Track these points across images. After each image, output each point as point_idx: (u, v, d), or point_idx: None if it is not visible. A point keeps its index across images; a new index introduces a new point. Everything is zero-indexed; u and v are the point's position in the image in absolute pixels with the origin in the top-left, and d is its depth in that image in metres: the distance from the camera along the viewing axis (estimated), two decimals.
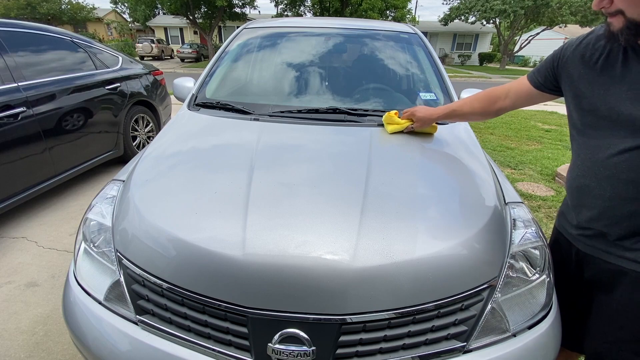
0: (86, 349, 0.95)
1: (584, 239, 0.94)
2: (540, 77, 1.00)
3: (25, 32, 2.67)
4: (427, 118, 1.36)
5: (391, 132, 1.42)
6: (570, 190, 0.96)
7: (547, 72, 0.98)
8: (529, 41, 22.78)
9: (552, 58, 0.97)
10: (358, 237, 0.87)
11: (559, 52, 0.94)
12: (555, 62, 0.95)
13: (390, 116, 1.43)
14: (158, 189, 1.11)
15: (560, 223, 1.06)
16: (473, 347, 0.88)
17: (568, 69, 0.91)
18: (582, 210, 0.91)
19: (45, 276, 2.05)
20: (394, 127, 1.41)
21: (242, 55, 2.11)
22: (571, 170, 0.95)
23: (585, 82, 0.86)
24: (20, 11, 25.73)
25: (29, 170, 2.48)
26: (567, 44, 0.93)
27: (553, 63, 0.96)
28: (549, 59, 0.99)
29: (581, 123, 0.89)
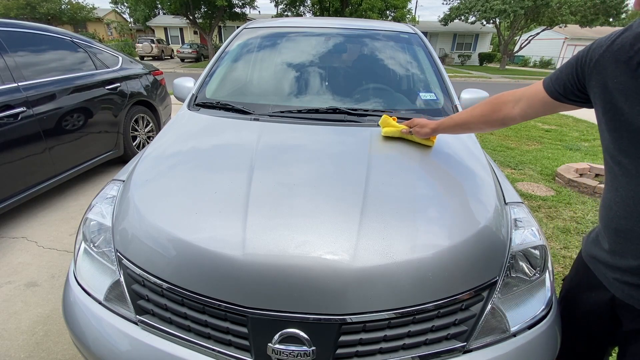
0: (86, 349, 0.95)
1: (627, 288, 0.76)
2: (559, 85, 0.83)
3: (25, 32, 2.67)
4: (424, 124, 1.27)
5: (385, 134, 1.37)
6: (608, 231, 0.78)
7: (568, 80, 0.80)
8: (529, 41, 22.79)
9: (576, 62, 0.79)
10: (358, 237, 0.87)
11: (585, 55, 0.76)
12: (579, 66, 0.77)
13: (386, 119, 1.38)
14: (158, 189, 1.11)
15: (589, 257, 0.88)
16: (473, 347, 0.88)
17: (597, 75, 0.72)
18: (625, 258, 0.74)
19: (45, 276, 2.05)
20: (388, 130, 1.36)
21: (242, 56, 2.11)
22: (607, 206, 0.77)
23: (621, 93, 0.67)
24: (20, 11, 25.72)
25: (29, 170, 2.48)
26: (596, 44, 0.75)
27: (577, 68, 0.78)
28: (570, 64, 0.81)
29: (615, 147, 0.70)
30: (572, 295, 0.97)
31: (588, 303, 0.90)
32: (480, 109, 1.07)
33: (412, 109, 1.72)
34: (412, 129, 1.30)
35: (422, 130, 1.27)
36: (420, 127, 1.27)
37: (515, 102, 0.96)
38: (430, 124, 1.26)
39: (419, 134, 1.29)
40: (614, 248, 0.77)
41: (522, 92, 0.95)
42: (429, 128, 1.25)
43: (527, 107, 0.93)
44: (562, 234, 2.57)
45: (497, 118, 1.02)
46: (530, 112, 0.93)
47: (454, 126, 1.19)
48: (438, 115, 1.63)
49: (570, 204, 3.05)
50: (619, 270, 0.77)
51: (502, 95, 1.02)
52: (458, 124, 1.17)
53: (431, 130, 1.26)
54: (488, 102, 1.05)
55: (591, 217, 2.82)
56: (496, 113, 1.02)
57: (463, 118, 1.14)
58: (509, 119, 0.99)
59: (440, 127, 1.23)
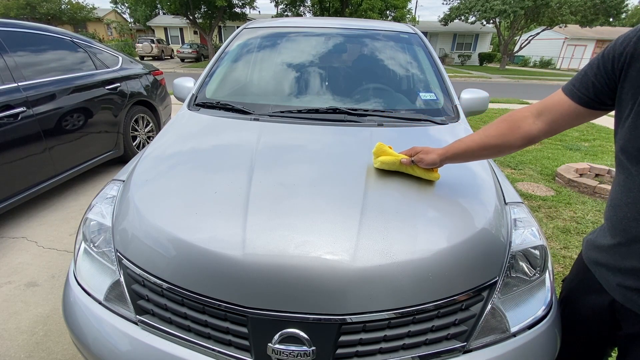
0: (86, 349, 0.95)
1: (628, 293, 0.76)
2: (586, 89, 0.75)
3: (25, 32, 2.67)
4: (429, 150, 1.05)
5: (379, 167, 1.12)
6: (615, 231, 0.76)
7: (597, 80, 0.73)
8: (529, 41, 22.80)
9: (602, 60, 0.72)
10: (358, 237, 0.87)
11: (613, 49, 0.70)
12: (609, 63, 0.70)
13: (381, 147, 1.13)
14: (158, 189, 1.11)
15: (590, 259, 0.87)
16: (473, 347, 0.88)
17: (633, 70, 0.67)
18: (630, 260, 0.73)
19: (45, 276, 2.05)
20: (384, 159, 1.10)
21: (242, 56, 2.11)
22: (617, 206, 0.75)
23: None
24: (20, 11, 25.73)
25: (29, 170, 2.48)
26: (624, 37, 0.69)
27: (606, 66, 0.71)
28: (594, 64, 0.74)
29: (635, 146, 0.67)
30: (572, 298, 0.96)
31: (588, 306, 0.89)
32: (495, 128, 0.92)
33: (412, 109, 1.72)
34: (415, 157, 1.06)
35: (427, 158, 1.03)
36: (424, 153, 1.04)
37: (536, 117, 0.85)
38: (436, 150, 1.04)
39: (424, 162, 1.04)
40: (619, 249, 0.75)
41: (542, 105, 0.84)
42: (436, 154, 1.02)
43: (552, 120, 0.81)
44: (562, 234, 2.57)
45: (517, 136, 0.87)
46: (556, 125, 0.82)
47: (466, 150, 0.97)
48: (438, 115, 1.63)
49: (570, 204, 3.05)
50: (621, 272, 0.76)
51: (518, 112, 0.90)
52: (471, 148, 0.96)
53: (438, 156, 1.02)
54: (502, 120, 0.92)
55: (591, 217, 2.82)
56: (515, 131, 0.87)
57: (476, 140, 0.95)
58: (532, 137, 0.85)
59: (449, 152, 1.00)
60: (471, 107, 1.86)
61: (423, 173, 1.08)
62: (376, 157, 1.12)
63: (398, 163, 1.08)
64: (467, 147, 0.96)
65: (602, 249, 0.82)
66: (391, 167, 1.10)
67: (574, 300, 0.96)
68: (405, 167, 1.08)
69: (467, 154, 0.98)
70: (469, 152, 0.97)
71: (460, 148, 0.98)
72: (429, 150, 1.04)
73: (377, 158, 1.12)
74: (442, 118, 1.61)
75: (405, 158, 1.08)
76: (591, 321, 0.90)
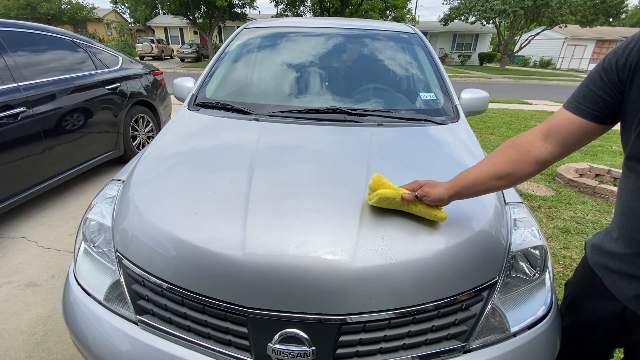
0: (86, 349, 0.95)
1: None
2: (598, 105, 0.72)
3: (25, 32, 2.67)
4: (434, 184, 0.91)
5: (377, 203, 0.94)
6: (629, 240, 0.74)
7: (605, 93, 0.71)
8: (529, 41, 22.80)
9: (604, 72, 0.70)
10: (358, 237, 0.87)
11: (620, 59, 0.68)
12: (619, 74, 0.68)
13: (379, 179, 0.96)
14: (158, 189, 1.11)
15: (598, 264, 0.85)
16: (473, 347, 0.88)
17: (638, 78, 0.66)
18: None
19: (45, 276, 2.05)
20: (384, 194, 0.92)
21: (242, 56, 2.11)
22: (630, 216, 0.72)
23: None
24: (20, 11, 25.74)
25: (29, 170, 2.48)
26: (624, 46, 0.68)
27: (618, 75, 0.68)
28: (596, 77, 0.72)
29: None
30: (579, 303, 0.94)
31: (596, 312, 0.87)
32: (502, 155, 0.84)
33: (412, 109, 1.72)
34: (419, 191, 0.91)
35: (433, 192, 0.88)
36: (429, 187, 0.90)
37: (543, 139, 0.80)
38: (443, 183, 0.90)
39: (429, 197, 0.89)
40: (635, 259, 0.73)
41: (547, 127, 0.80)
42: (443, 188, 0.88)
43: (562, 141, 0.77)
44: (562, 234, 2.57)
45: (529, 162, 0.81)
46: (568, 146, 0.78)
47: (475, 181, 0.86)
48: (438, 115, 1.63)
49: (570, 204, 3.05)
50: (636, 280, 0.74)
51: (522, 136, 0.84)
52: (481, 179, 0.85)
53: (446, 190, 0.88)
54: (507, 146, 0.85)
55: (591, 217, 2.82)
56: (526, 156, 0.81)
57: (485, 170, 0.85)
58: (545, 161, 0.80)
59: (457, 185, 0.88)
60: (471, 107, 1.86)
61: (427, 212, 0.91)
62: (373, 191, 0.95)
63: (399, 199, 0.91)
64: (477, 178, 0.86)
65: (612, 255, 0.79)
66: (390, 204, 0.93)
67: (580, 306, 0.93)
68: (407, 204, 0.92)
69: (478, 185, 0.86)
70: (479, 182, 0.85)
71: (469, 179, 0.87)
72: (434, 183, 0.90)
73: (374, 192, 0.94)
74: (442, 118, 1.61)
75: (408, 193, 0.91)
76: (599, 326, 0.88)
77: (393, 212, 0.96)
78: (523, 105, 8.66)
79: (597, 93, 0.72)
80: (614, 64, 0.68)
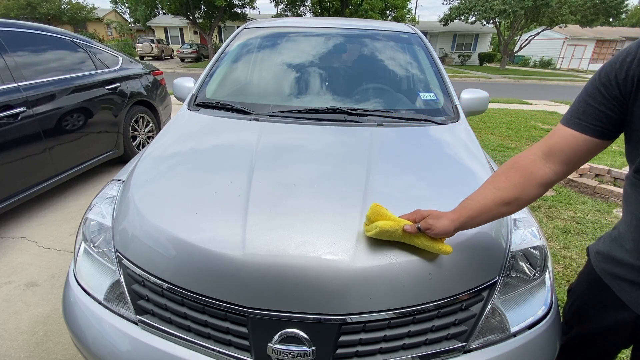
0: (86, 349, 0.96)
1: None
2: (602, 121, 0.70)
3: (25, 32, 2.67)
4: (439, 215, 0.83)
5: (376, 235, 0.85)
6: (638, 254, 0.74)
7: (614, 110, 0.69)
8: (529, 41, 22.80)
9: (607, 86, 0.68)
10: (358, 237, 0.87)
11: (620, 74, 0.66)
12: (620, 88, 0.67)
13: (377, 209, 0.86)
14: (158, 189, 1.11)
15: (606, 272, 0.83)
16: (473, 347, 0.88)
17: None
18: None
19: (45, 276, 2.05)
20: (383, 225, 0.84)
21: (242, 56, 2.11)
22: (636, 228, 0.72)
23: None
24: (20, 11, 25.73)
25: (29, 170, 2.48)
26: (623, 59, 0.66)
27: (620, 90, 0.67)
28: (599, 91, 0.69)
29: None
30: (587, 312, 0.92)
31: (607, 321, 0.86)
32: (505, 179, 0.80)
33: (412, 109, 1.72)
34: (422, 223, 0.83)
35: (438, 224, 0.81)
36: (433, 218, 0.82)
37: (545, 159, 0.77)
38: (447, 214, 0.82)
39: (434, 230, 0.81)
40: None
41: (547, 145, 0.77)
42: (448, 219, 0.81)
43: (566, 160, 0.75)
44: (562, 234, 2.57)
45: (534, 184, 0.77)
46: (572, 164, 0.76)
47: (482, 209, 0.80)
48: (438, 115, 1.63)
49: (570, 204, 3.05)
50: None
51: (522, 157, 0.81)
52: (487, 206, 0.80)
53: (451, 222, 0.81)
54: (509, 169, 0.81)
55: (591, 217, 2.82)
56: (530, 178, 0.77)
57: (490, 196, 0.80)
58: (550, 182, 0.78)
59: (462, 216, 0.81)
60: (471, 107, 1.86)
61: (431, 245, 0.84)
62: (370, 222, 0.86)
63: (400, 231, 0.83)
64: (483, 206, 0.80)
65: (624, 265, 0.78)
66: (391, 236, 0.85)
67: (589, 314, 0.91)
68: (408, 236, 0.84)
69: (484, 213, 0.80)
70: (486, 210, 0.80)
71: (474, 208, 0.81)
72: (439, 214, 0.83)
73: (372, 223, 0.86)
74: (442, 118, 1.61)
75: (409, 224, 0.84)
76: (611, 335, 0.87)
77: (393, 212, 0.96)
78: (523, 105, 8.66)
79: (599, 109, 0.70)
80: (614, 78, 0.67)
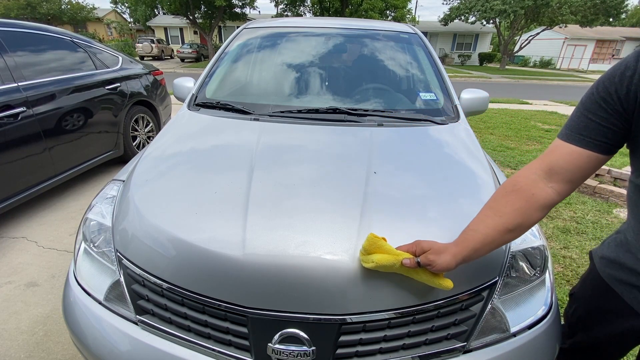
0: (86, 349, 0.96)
1: None
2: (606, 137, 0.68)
3: (25, 32, 2.67)
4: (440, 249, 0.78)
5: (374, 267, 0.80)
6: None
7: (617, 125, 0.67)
8: (529, 41, 22.80)
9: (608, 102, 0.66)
10: (358, 238, 0.87)
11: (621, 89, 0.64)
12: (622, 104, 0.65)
13: (374, 241, 0.81)
14: (158, 189, 1.11)
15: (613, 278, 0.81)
16: (473, 347, 0.88)
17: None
18: None
19: (45, 276, 2.05)
20: (381, 259, 0.79)
21: (242, 56, 2.11)
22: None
23: None
24: (20, 11, 25.74)
25: (29, 170, 2.48)
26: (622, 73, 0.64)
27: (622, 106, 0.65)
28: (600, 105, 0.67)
29: None
30: (594, 318, 0.91)
31: (614, 329, 0.84)
32: (506, 204, 0.76)
33: (412, 109, 1.72)
34: (422, 257, 0.78)
35: (439, 261, 0.76)
36: (435, 254, 0.77)
37: (546, 178, 0.73)
38: (449, 248, 0.77)
39: (435, 266, 0.76)
40: None
41: (548, 163, 0.73)
42: (450, 255, 0.76)
43: (570, 178, 0.71)
44: (562, 234, 2.57)
45: (537, 207, 0.73)
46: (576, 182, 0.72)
47: (484, 240, 0.76)
48: (438, 115, 1.63)
49: (570, 204, 3.05)
50: None
51: (521, 177, 0.76)
52: (490, 236, 0.75)
53: (453, 257, 0.76)
54: (509, 192, 0.77)
55: (591, 217, 2.82)
56: (532, 201, 0.73)
57: (492, 225, 0.75)
58: (553, 204, 0.74)
59: (465, 250, 0.77)
60: (471, 107, 1.86)
61: (430, 280, 0.80)
62: (367, 254, 0.81)
63: (398, 265, 0.79)
64: (486, 236, 0.75)
65: (634, 272, 0.77)
66: (389, 269, 0.80)
67: (597, 320, 0.90)
68: (407, 269, 0.80)
69: (487, 244, 0.76)
70: (489, 240, 0.76)
71: (477, 240, 0.76)
72: (440, 248, 0.77)
73: (368, 255, 0.81)
74: (442, 118, 1.61)
75: (408, 258, 0.79)
76: (616, 341, 0.86)
77: (393, 212, 0.96)
78: (523, 105, 8.66)
79: (602, 124, 0.67)
80: (614, 93, 0.65)
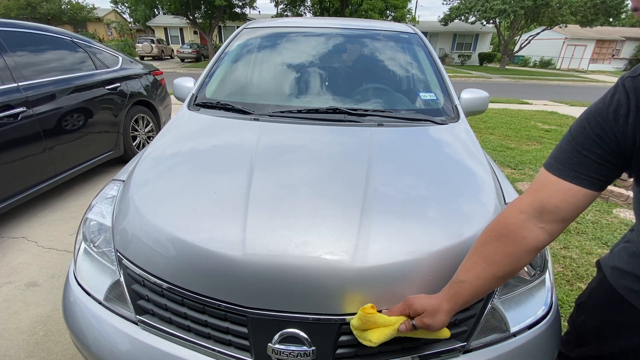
0: (86, 349, 0.96)
1: None
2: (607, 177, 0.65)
3: (25, 32, 2.67)
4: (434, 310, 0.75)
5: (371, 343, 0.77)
6: None
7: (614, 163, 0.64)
8: (529, 41, 22.80)
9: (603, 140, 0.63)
10: (358, 238, 0.87)
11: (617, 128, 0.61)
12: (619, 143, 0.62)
13: (366, 315, 0.77)
14: (158, 189, 1.11)
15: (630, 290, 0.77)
16: (473, 347, 0.88)
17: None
18: None
19: (45, 276, 2.05)
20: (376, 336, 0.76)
21: (242, 56, 2.11)
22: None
23: None
24: (20, 11, 25.74)
25: (29, 170, 2.48)
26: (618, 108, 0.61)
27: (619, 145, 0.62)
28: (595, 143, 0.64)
29: None
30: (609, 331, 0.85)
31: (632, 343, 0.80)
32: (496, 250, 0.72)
33: (412, 109, 1.72)
34: (417, 321, 0.76)
35: (435, 322, 0.74)
36: (429, 316, 0.75)
37: (537, 218, 0.69)
38: (442, 306, 0.75)
39: (432, 328, 0.75)
40: None
41: (539, 202, 0.68)
42: (444, 314, 0.75)
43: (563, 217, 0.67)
44: (562, 234, 2.57)
45: (526, 250, 0.70)
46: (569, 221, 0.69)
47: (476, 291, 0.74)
48: (438, 115, 1.63)
49: None
50: None
51: (510, 218, 0.72)
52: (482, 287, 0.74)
53: (447, 315, 0.75)
54: (498, 236, 0.72)
55: (591, 217, 2.82)
56: (521, 244, 0.69)
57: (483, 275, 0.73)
58: (544, 245, 0.70)
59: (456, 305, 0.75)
60: (471, 107, 1.86)
61: (428, 334, 0.79)
62: (360, 330, 0.78)
63: (395, 332, 0.77)
64: (477, 288, 0.74)
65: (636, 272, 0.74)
66: (387, 336, 0.77)
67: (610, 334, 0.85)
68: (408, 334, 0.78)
69: (479, 294, 0.75)
70: (481, 291, 0.74)
71: (469, 292, 0.74)
72: (433, 309, 0.74)
73: (364, 333, 0.78)
74: (442, 118, 1.61)
75: (404, 321, 0.76)
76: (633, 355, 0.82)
77: (393, 212, 0.96)
78: (523, 105, 8.66)
79: (598, 162, 0.64)
80: (610, 131, 0.62)
